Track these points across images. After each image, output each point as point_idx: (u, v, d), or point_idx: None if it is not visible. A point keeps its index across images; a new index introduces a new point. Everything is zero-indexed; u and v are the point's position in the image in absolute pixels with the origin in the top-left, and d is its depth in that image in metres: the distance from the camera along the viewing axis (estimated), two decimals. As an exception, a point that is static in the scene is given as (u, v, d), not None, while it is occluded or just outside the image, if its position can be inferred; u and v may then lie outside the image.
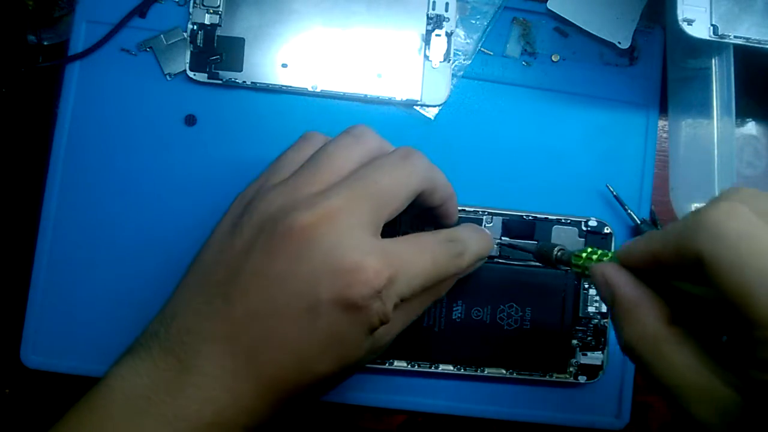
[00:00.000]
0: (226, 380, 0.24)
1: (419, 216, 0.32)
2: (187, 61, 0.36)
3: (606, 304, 0.23)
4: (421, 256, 0.27)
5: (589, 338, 0.36)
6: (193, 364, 0.24)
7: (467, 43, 0.37)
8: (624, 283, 0.22)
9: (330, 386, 0.27)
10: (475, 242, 0.30)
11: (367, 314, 0.24)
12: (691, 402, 0.19)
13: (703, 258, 0.18)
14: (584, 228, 0.35)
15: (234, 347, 0.24)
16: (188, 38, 0.36)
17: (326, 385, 0.26)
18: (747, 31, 0.32)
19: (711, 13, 0.32)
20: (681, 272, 0.21)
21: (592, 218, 0.35)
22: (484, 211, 0.35)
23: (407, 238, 0.27)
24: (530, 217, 0.35)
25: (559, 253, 0.28)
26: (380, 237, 0.26)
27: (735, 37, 0.32)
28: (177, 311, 0.26)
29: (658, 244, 0.21)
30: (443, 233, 0.29)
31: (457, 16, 0.37)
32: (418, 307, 0.29)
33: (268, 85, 0.36)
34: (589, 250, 0.26)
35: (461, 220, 0.35)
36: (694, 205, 0.34)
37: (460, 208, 0.35)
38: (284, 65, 0.36)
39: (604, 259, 0.25)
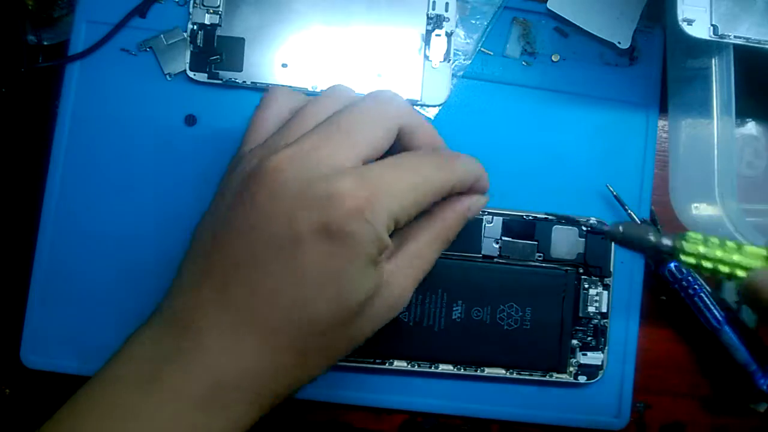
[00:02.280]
0: (224, 341, 0.23)
1: None
2: (187, 61, 0.36)
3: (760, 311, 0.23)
4: (403, 171, 0.25)
5: (589, 338, 0.36)
6: (189, 328, 0.24)
7: (467, 43, 0.37)
8: None
9: (347, 341, 0.25)
10: (464, 157, 0.28)
11: (354, 240, 0.23)
12: None
13: None
14: (584, 228, 0.35)
15: (226, 303, 0.24)
16: (188, 38, 0.36)
17: (339, 337, 0.25)
18: (747, 31, 0.32)
19: (711, 13, 0.32)
20: None
21: (592, 218, 0.35)
22: (485, 211, 0.35)
23: (385, 159, 0.25)
24: (530, 217, 0.35)
25: (665, 241, 0.24)
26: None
27: (735, 37, 0.32)
28: (174, 282, 0.26)
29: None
30: (422, 150, 0.27)
31: (457, 16, 0.37)
32: (427, 250, 0.27)
33: (268, 85, 0.36)
34: (730, 245, 0.23)
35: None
36: (694, 206, 0.34)
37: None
38: (284, 65, 0.36)
39: (756, 260, 0.22)
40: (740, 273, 0.22)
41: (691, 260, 0.23)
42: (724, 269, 0.22)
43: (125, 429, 0.23)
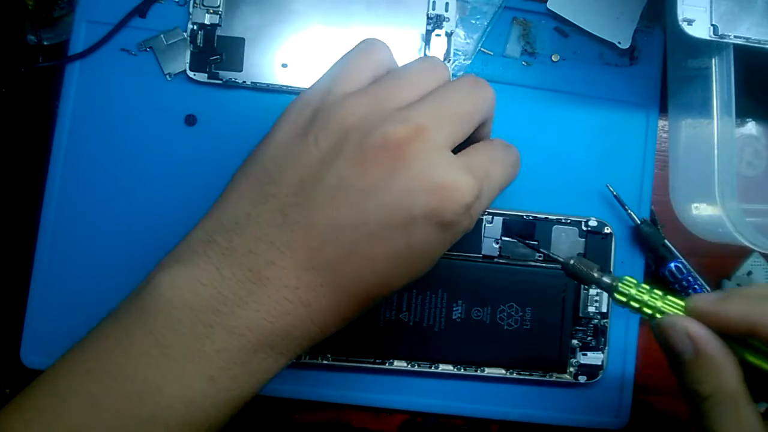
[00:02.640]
0: (304, 293, 0.24)
1: None
2: (187, 61, 0.36)
3: (676, 356, 0.24)
4: (496, 168, 0.27)
5: (589, 338, 0.36)
6: (267, 276, 0.23)
7: (467, 43, 0.37)
8: (709, 339, 0.24)
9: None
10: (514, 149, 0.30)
11: (455, 230, 0.25)
12: None
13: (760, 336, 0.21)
14: (584, 228, 0.35)
15: (315, 260, 0.24)
16: (188, 38, 0.36)
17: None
18: (747, 31, 0.32)
19: (711, 13, 0.32)
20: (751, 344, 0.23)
21: (592, 218, 0.35)
22: (485, 211, 0.35)
23: (477, 150, 0.27)
24: (530, 217, 0.35)
25: (605, 279, 0.27)
26: None
27: (735, 37, 0.32)
28: (239, 219, 0.24)
29: (736, 312, 0.23)
30: (497, 141, 0.29)
31: (457, 16, 0.37)
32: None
33: (268, 85, 0.36)
34: (656, 292, 0.26)
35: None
36: (694, 206, 0.34)
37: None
38: (284, 65, 0.36)
39: (674, 308, 0.25)
40: (659, 316, 0.25)
41: (623, 299, 0.26)
42: (647, 311, 0.26)
43: (185, 370, 0.23)
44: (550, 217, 0.35)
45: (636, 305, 0.26)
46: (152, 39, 0.36)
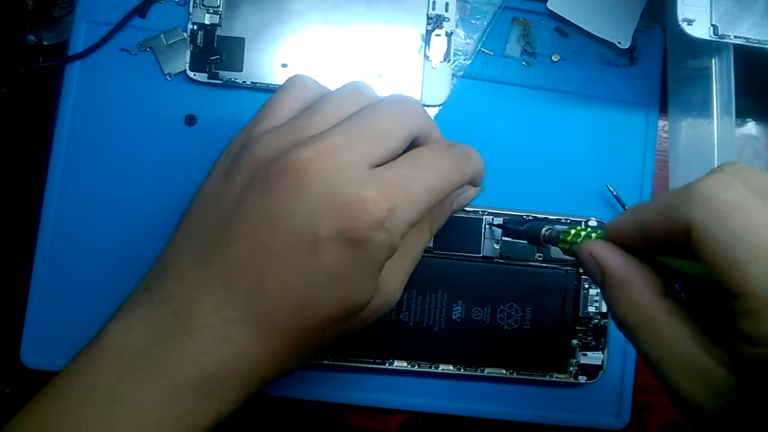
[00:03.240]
0: (224, 329, 0.23)
1: None
2: (187, 61, 0.36)
3: (596, 283, 0.23)
4: (423, 172, 0.25)
5: (589, 338, 0.36)
6: (189, 315, 0.23)
7: (467, 43, 0.37)
8: (613, 257, 0.22)
9: (337, 335, 0.26)
10: (474, 153, 0.28)
11: (370, 248, 0.23)
12: (681, 379, 0.19)
13: (693, 227, 0.18)
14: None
15: (231, 293, 0.24)
16: (188, 38, 0.36)
17: (333, 332, 0.25)
18: (747, 31, 0.32)
19: (711, 13, 0.32)
20: (668, 247, 0.20)
21: (592, 218, 0.35)
22: (485, 211, 0.35)
23: (404, 158, 0.26)
24: (530, 217, 0.35)
25: (547, 233, 0.28)
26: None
27: (735, 37, 0.32)
28: (168, 263, 0.25)
29: (647, 215, 0.20)
30: (432, 146, 0.27)
31: (457, 16, 0.37)
32: (419, 245, 0.28)
33: (268, 85, 0.36)
34: (578, 228, 0.25)
35: (460, 221, 0.35)
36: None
37: (460, 208, 0.35)
38: (284, 65, 0.36)
39: (593, 236, 0.24)
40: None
41: (565, 245, 0.25)
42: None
43: (112, 412, 0.23)
44: (550, 217, 0.35)
45: (566, 248, 0.25)
46: (152, 39, 0.36)
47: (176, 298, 0.24)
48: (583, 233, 0.25)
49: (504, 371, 0.35)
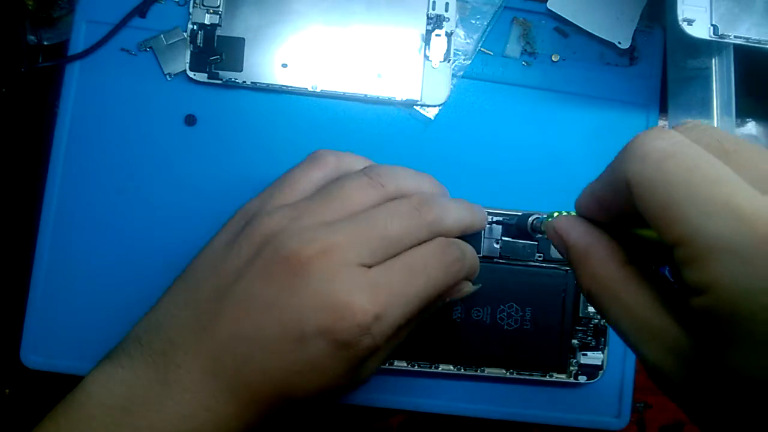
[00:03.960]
0: (205, 398, 0.24)
1: None
2: (187, 61, 0.36)
3: (565, 259, 0.22)
4: (414, 278, 0.26)
5: (589, 338, 0.36)
6: (174, 379, 0.24)
7: (467, 43, 0.37)
8: (572, 228, 0.22)
9: (312, 408, 0.27)
10: (470, 252, 0.29)
11: (356, 348, 0.24)
12: (646, 346, 0.18)
13: (631, 183, 0.17)
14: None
15: (216, 367, 0.24)
16: (188, 38, 0.36)
17: (308, 407, 0.26)
18: (747, 31, 0.32)
19: (711, 13, 0.32)
20: (629, 216, 0.20)
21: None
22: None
23: (399, 261, 0.26)
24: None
25: (534, 221, 0.28)
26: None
27: (735, 37, 0.32)
28: (162, 321, 0.26)
29: (598, 183, 0.21)
30: (437, 241, 0.27)
31: (457, 16, 0.37)
32: (404, 334, 0.28)
33: (268, 85, 0.36)
34: (559, 213, 0.25)
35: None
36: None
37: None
38: (284, 65, 0.36)
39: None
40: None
41: (544, 229, 0.25)
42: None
43: None
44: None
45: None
46: (152, 39, 0.36)
47: (164, 359, 0.25)
48: (556, 214, 0.24)
49: (504, 371, 0.35)
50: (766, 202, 0.15)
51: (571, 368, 0.35)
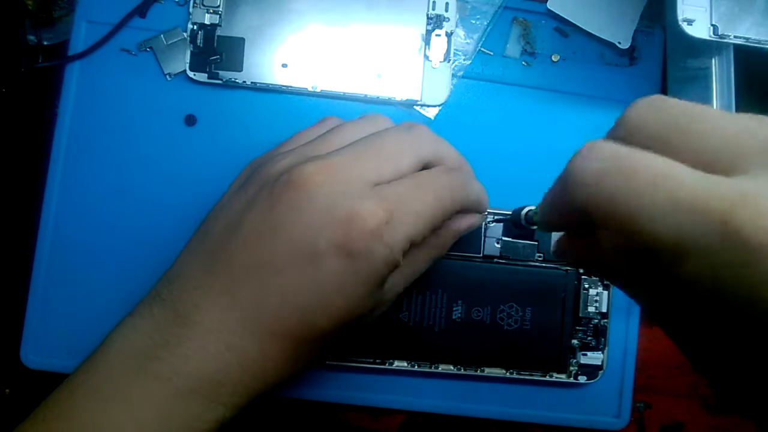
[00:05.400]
0: (226, 335, 0.24)
1: None
2: (187, 61, 0.36)
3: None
4: (422, 192, 0.26)
5: (589, 338, 0.36)
6: (193, 320, 0.24)
7: (467, 43, 0.37)
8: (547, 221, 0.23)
9: (335, 341, 0.26)
10: (476, 182, 0.30)
11: (370, 261, 0.24)
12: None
13: (578, 208, 0.17)
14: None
15: (234, 301, 0.24)
16: (188, 38, 0.36)
17: (332, 340, 0.26)
18: (747, 31, 0.32)
19: (711, 13, 0.32)
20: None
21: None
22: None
23: (405, 178, 0.26)
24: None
25: (528, 213, 0.28)
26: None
27: (735, 37, 0.32)
28: (179, 270, 0.26)
29: (553, 206, 0.21)
30: (440, 167, 0.28)
31: (457, 16, 0.37)
32: (421, 264, 0.28)
33: (268, 85, 0.36)
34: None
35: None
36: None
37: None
38: (284, 65, 0.36)
39: None
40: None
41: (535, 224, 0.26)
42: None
43: (114, 413, 0.23)
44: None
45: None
46: (152, 39, 0.36)
47: (183, 303, 0.25)
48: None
49: (504, 371, 0.35)
50: (711, 183, 0.14)
51: (571, 368, 0.35)
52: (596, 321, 0.36)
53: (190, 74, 0.35)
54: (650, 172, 0.15)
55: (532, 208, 0.28)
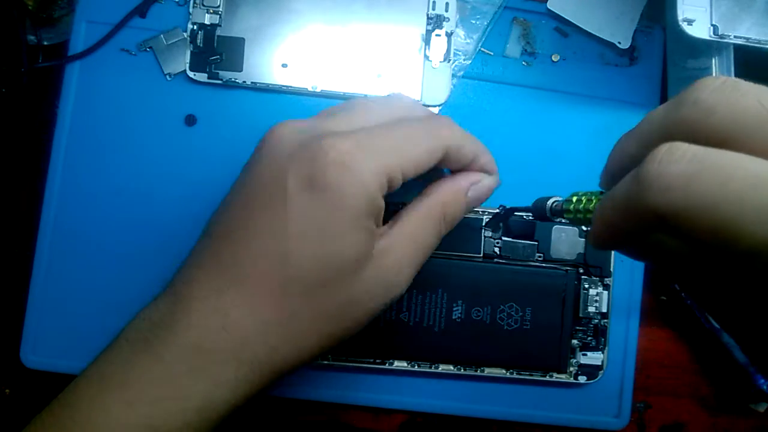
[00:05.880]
0: (213, 300, 0.23)
1: None
2: (187, 61, 0.36)
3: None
4: (391, 130, 0.25)
5: (589, 338, 0.36)
6: (182, 292, 0.24)
7: (467, 43, 0.37)
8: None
9: (332, 308, 0.24)
10: (459, 129, 0.28)
11: (337, 191, 0.23)
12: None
13: (658, 214, 0.16)
14: (584, 228, 0.35)
15: (218, 262, 0.24)
16: (188, 38, 0.36)
17: (324, 302, 0.24)
18: (747, 31, 0.32)
19: (711, 13, 0.32)
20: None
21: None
22: (485, 211, 0.35)
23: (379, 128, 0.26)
24: (530, 217, 0.35)
25: (553, 205, 0.27)
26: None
27: (735, 37, 0.32)
28: (185, 260, 0.26)
29: (619, 209, 0.18)
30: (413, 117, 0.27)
31: (457, 16, 0.37)
32: (421, 230, 0.27)
33: (268, 85, 0.36)
34: (578, 194, 0.25)
35: (460, 221, 0.35)
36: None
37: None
38: (284, 65, 0.36)
39: (593, 200, 0.24)
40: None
41: (569, 215, 0.25)
42: (587, 214, 0.24)
43: (107, 396, 0.23)
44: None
45: (575, 215, 0.25)
46: (152, 39, 0.36)
47: (177, 284, 0.25)
48: (584, 199, 0.24)
49: (504, 371, 0.35)
50: None
51: (571, 368, 0.35)
52: (596, 321, 0.36)
53: (190, 74, 0.35)
54: (748, 174, 0.15)
55: (558, 198, 0.27)
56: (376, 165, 0.24)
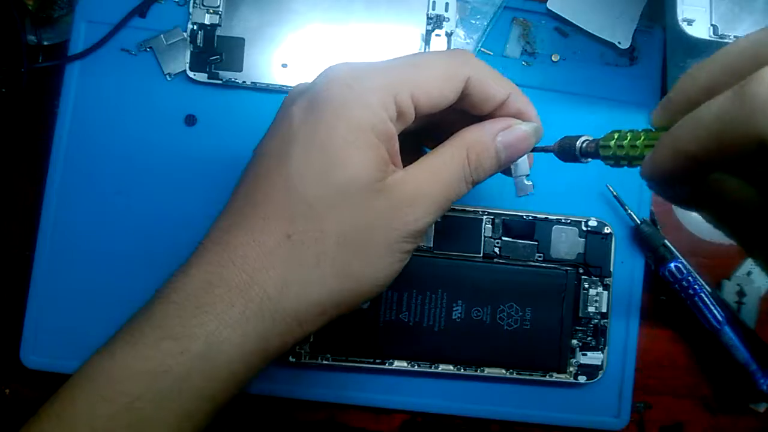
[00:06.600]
0: (225, 237, 0.24)
1: None
2: (187, 61, 0.36)
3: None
4: (405, 57, 0.25)
5: (589, 338, 0.36)
6: (202, 242, 0.24)
7: (467, 43, 0.37)
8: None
9: (341, 229, 0.23)
10: (483, 63, 0.26)
11: (334, 104, 0.23)
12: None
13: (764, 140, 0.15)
14: (584, 228, 0.35)
15: (229, 212, 0.25)
16: (188, 38, 0.36)
17: (330, 224, 0.23)
18: (747, 30, 0.32)
19: (711, 13, 0.32)
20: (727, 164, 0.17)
21: (592, 218, 0.35)
22: (484, 211, 0.35)
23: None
24: (530, 217, 0.35)
25: (584, 145, 0.24)
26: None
27: (735, 37, 0.32)
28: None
29: (706, 132, 0.17)
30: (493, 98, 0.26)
31: (457, 16, 0.37)
32: (445, 169, 0.24)
33: (268, 85, 0.36)
34: (620, 132, 0.23)
35: (460, 221, 0.35)
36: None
37: (459, 208, 0.35)
38: (284, 65, 0.36)
39: (638, 143, 0.22)
40: (645, 151, 0.22)
41: (608, 152, 0.23)
42: (632, 151, 0.23)
43: (122, 337, 0.24)
44: (550, 216, 0.35)
45: (616, 152, 0.23)
46: (152, 39, 0.36)
47: (205, 242, 0.25)
48: (629, 135, 0.22)
49: (504, 371, 0.35)
50: None
51: (571, 368, 0.35)
52: (596, 321, 0.36)
53: (190, 74, 0.35)
54: None
55: (588, 138, 0.24)
56: (380, 82, 0.23)
